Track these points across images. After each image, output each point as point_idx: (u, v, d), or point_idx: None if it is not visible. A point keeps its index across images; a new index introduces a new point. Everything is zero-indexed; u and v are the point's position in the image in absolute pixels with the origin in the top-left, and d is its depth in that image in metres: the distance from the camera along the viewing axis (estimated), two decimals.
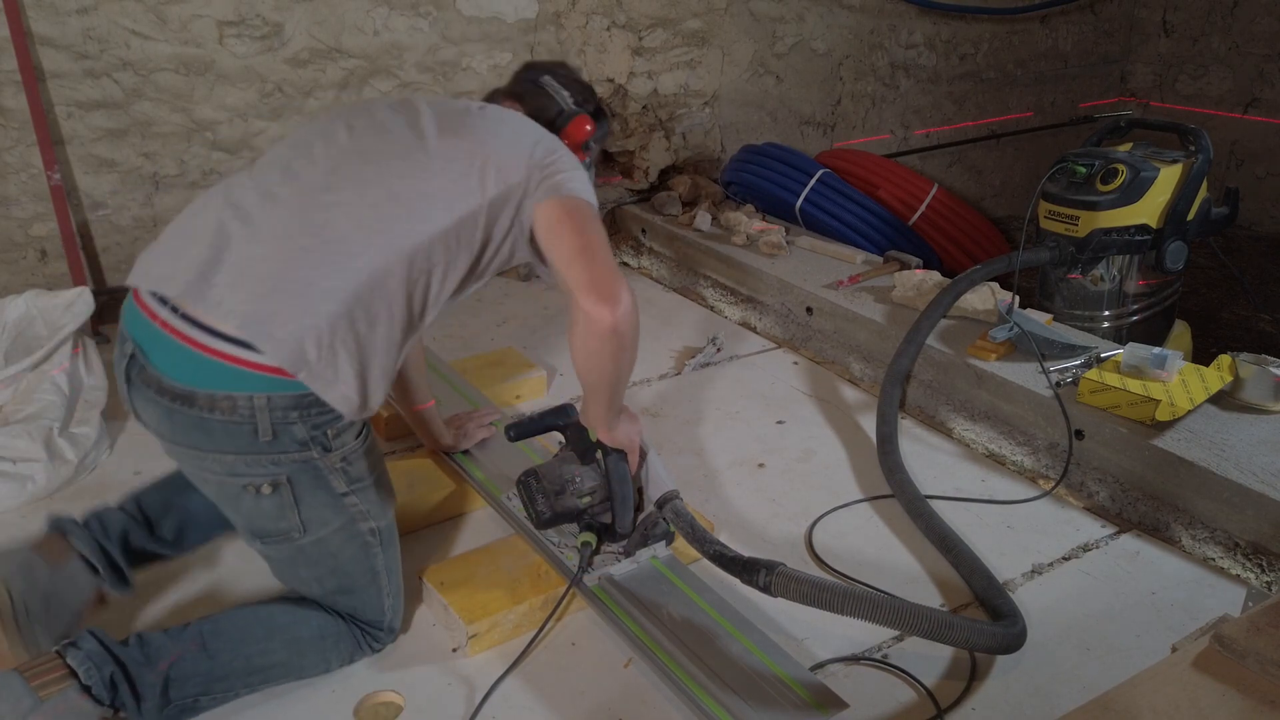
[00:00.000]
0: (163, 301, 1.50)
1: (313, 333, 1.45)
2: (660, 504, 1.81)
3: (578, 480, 1.82)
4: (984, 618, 1.79)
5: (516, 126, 1.73)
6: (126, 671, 1.47)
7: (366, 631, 1.69)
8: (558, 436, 1.91)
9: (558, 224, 1.60)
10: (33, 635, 1.54)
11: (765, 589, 1.64)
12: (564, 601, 1.76)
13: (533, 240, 1.66)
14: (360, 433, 1.60)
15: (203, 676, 1.55)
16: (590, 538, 1.80)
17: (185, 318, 1.48)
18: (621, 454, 1.80)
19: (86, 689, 1.43)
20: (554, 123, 1.83)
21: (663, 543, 1.86)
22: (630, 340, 1.63)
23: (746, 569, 1.66)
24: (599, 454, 1.82)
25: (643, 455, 1.85)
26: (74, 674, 1.43)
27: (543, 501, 1.80)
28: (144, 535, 1.74)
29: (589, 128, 1.87)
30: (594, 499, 1.83)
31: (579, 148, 1.83)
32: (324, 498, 1.57)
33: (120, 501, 1.76)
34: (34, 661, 1.46)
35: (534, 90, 1.87)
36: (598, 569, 1.80)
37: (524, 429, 1.86)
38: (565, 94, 1.87)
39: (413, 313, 1.57)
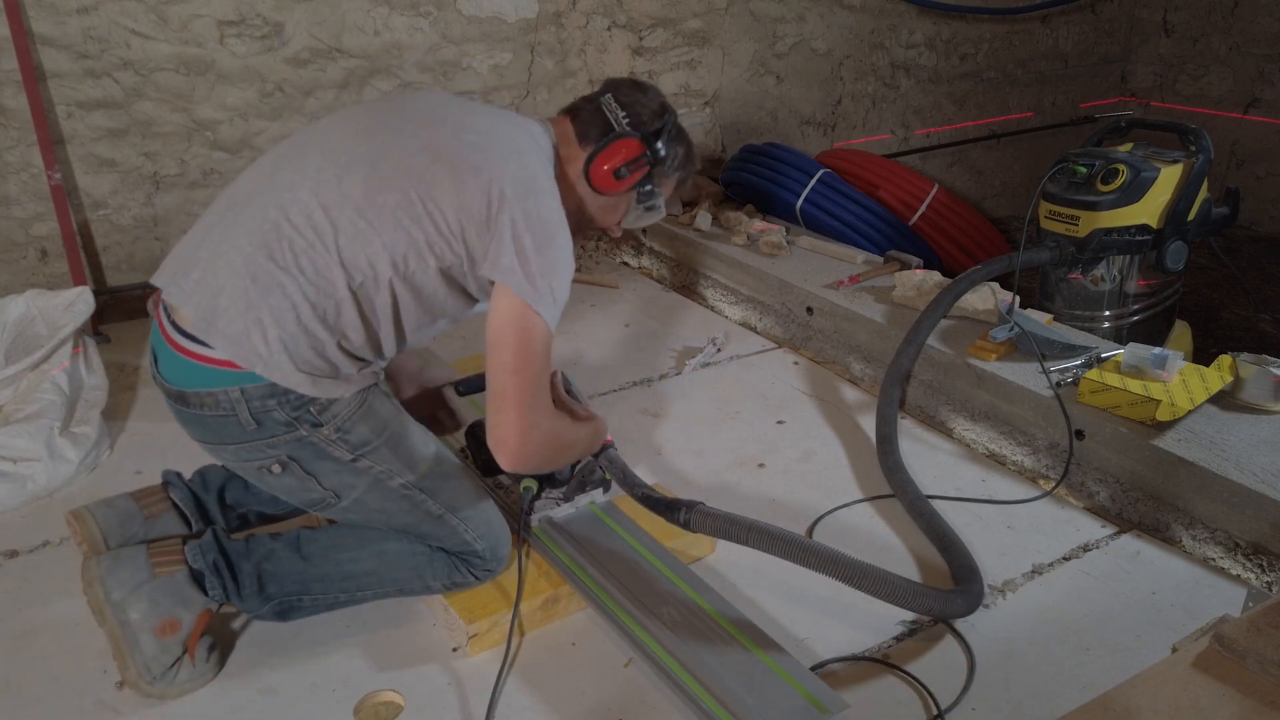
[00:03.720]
0: (166, 307, 1.61)
1: (258, 328, 1.51)
2: (596, 453, 1.91)
3: None
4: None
5: (493, 167, 1.59)
6: (229, 560, 1.67)
7: (462, 558, 1.76)
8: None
9: (500, 340, 1.56)
10: (116, 582, 1.63)
11: (685, 525, 1.76)
12: (525, 550, 1.85)
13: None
14: (355, 399, 1.61)
15: (297, 575, 1.70)
16: (531, 484, 1.90)
17: (175, 324, 1.57)
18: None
19: (196, 578, 1.64)
20: (597, 144, 1.73)
21: (600, 489, 1.99)
22: (540, 462, 1.69)
23: (670, 508, 1.78)
24: None
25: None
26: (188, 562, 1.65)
27: (489, 451, 1.88)
28: (241, 489, 1.87)
29: (626, 151, 1.72)
30: None
31: (611, 175, 1.72)
32: (333, 466, 1.63)
33: None
34: (160, 540, 1.70)
35: (589, 109, 1.76)
36: (539, 512, 1.93)
37: (472, 385, 1.98)
38: (620, 113, 1.74)
39: (368, 317, 1.58)
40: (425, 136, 1.60)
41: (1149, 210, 2.81)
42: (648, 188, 1.78)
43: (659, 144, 1.74)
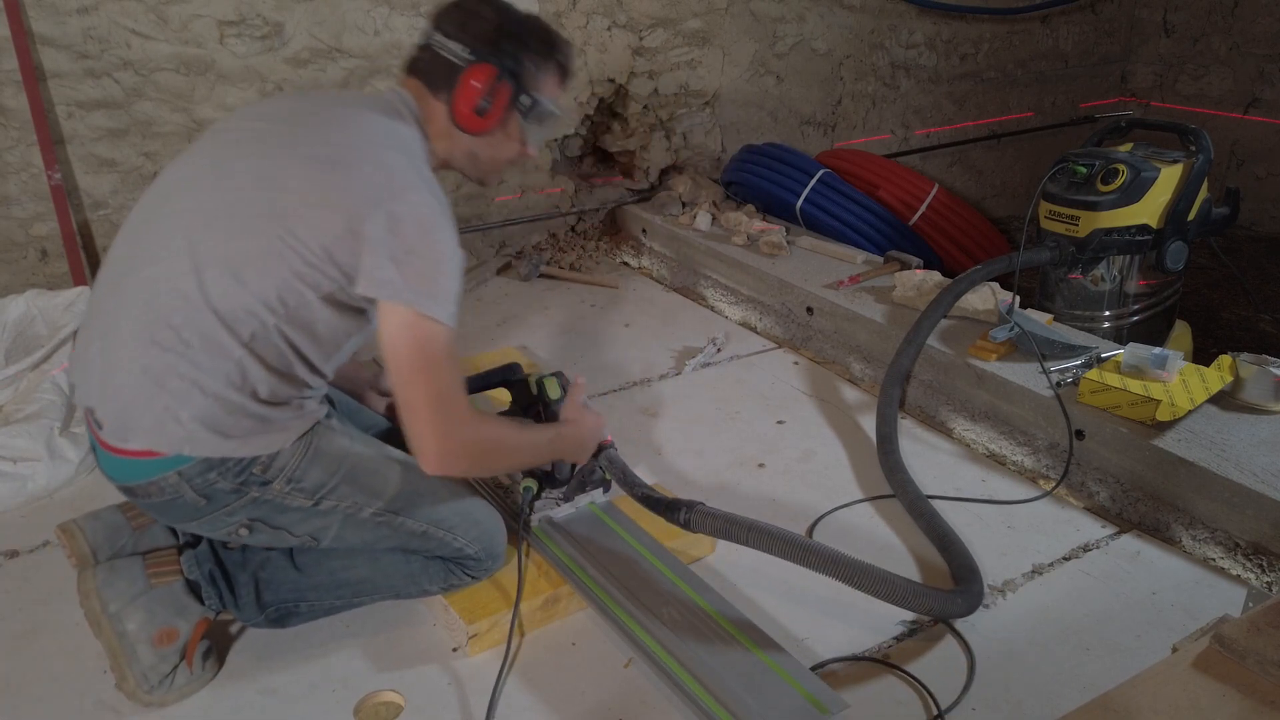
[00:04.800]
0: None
1: (168, 415, 1.47)
2: (595, 453, 1.92)
3: None
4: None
5: (346, 182, 1.49)
6: (225, 570, 1.67)
7: (457, 563, 1.75)
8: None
9: (395, 356, 1.50)
10: (113, 593, 1.62)
11: (685, 525, 1.76)
12: (525, 550, 1.86)
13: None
14: (298, 446, 1.57)
15: (292, 584, 1.70)
16: (532, 484, 1.90)
17: (96, 422, 1.55)
18: (560, 405, 1.90)
19: (193, 588, 1.64)
20: (448, 90, 1.62)
21: (600, 490, 2.00)
22: (471, 467, 1.66)
23: (670, 509, 1.79)
24: (541, 408, 1.92)
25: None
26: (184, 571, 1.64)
27: None
28: None
29: (478, 82, 1.59)
30: None
31: (476, 115, 1.61)
32: (298, 516, 1.61)
33: None
34: (156, 550, 1.67)
35: (425, 56, 1.65)
36: (539, 512, 1.94)
37: (472, 384, 1.97)
38: (453, 46, 1.60)
39: (273, 366, 1.52)
40: (273, 169, 1.52)
41: (1149, 210, 2.81)
42: (525, 100, 1.66)
43: (505, 54, 1.61)
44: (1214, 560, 1.98)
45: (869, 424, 2.50)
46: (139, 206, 1.61)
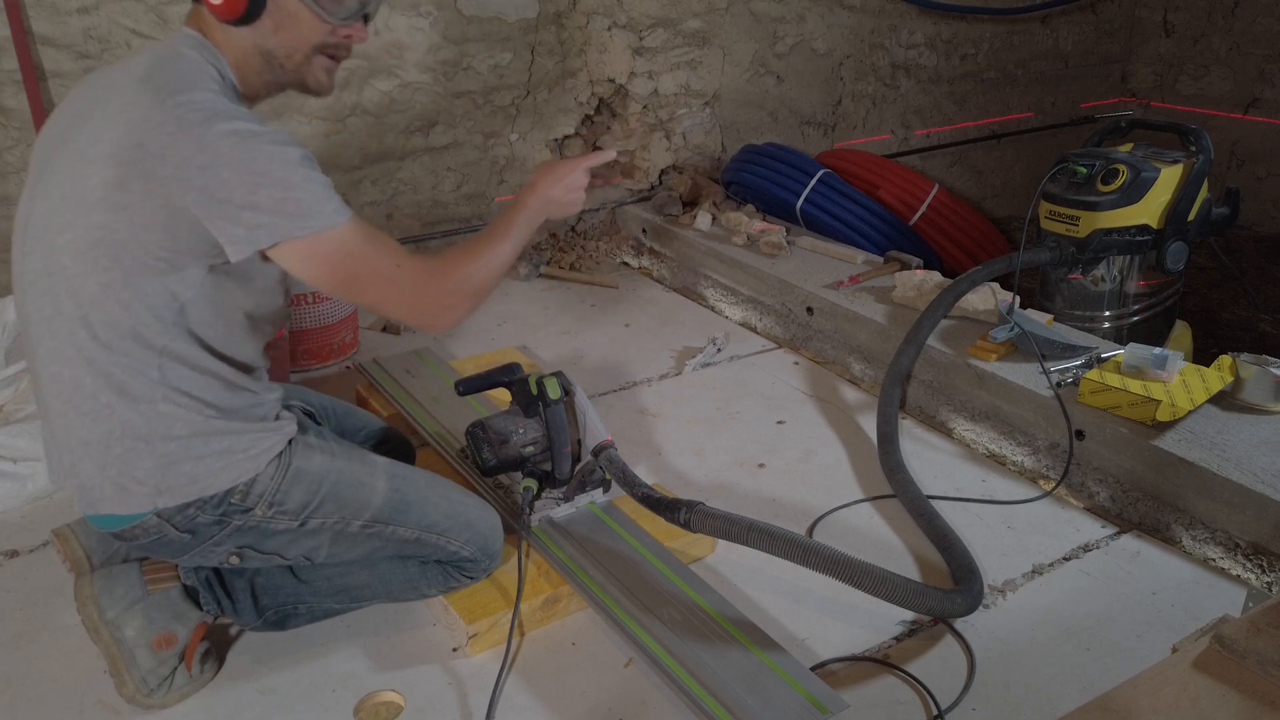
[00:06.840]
0: None
1: (124, 478, 1.47)
2: (596, 453, 1.93)
3: (521, 432, 1.93)
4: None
5: (137, 171, 1.35)
6: (222, 576, 1.68)
7: (454, 565, 1.76)
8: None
9: (334, 283, 1.45)
10: (111, 600, 1.62)
11: (685, 525, 1.77)
12: (525, 550, 1.86)
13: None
14: (276, 469, 1.56)
15: (289, 590, 1.71)
16: (532, 483, 1.92)
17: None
18: (560, 405, 1.89)
19: (190, 593, 1.64)
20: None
21: (599, 490, 2.01)
22: (469, 301, 1.56)
23: (670, 508, 1.79)
24: (541, 408, 1.92)
25: (581, 409, 1.95)
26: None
27: (488, 450, 1.92)
28: None
29: None
30: (536, 449, 1.94)
31: (232, 13, 1.44)
32: (286, 539, 1.61)
33: None
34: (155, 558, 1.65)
35: None
36: (539, 512, 1.95)
37: (472, 384, 2.00)
38: None
39: (191, 393, 1.48)
40: (73, 205, 1.40)
41: (1149, 210, 2.81)
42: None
43: None
44: (1214, 560, 1.98)
45: (869, 424, 2.50)
46: (13, 274, 1.54)
